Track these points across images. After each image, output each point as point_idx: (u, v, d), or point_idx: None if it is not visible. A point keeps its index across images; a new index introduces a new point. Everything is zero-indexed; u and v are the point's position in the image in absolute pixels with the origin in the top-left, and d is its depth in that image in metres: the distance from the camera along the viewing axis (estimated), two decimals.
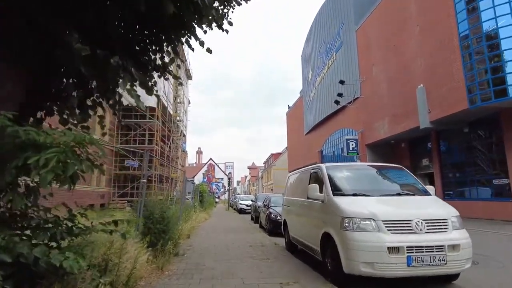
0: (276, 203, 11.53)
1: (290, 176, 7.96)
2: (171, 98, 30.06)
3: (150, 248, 5.49)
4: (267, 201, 12.07)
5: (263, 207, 12.06)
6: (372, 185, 5.06)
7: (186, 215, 11.69)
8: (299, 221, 6.28)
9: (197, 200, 18.70)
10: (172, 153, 30.58)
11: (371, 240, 3.87)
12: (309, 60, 37.32)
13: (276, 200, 11.90)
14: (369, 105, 22.94)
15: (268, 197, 12.64)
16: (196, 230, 11.38)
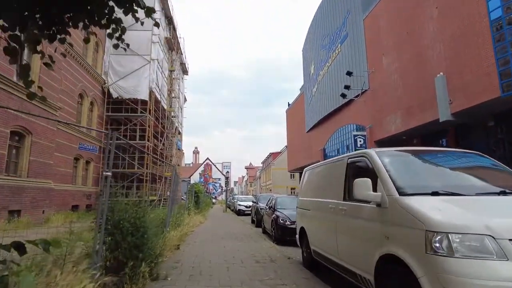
0: (283, 205, 9.80)
1: (308, 171, 6.21)
2: (165, 92, 28.23)
3: (112, 275, 3.72)
4: (273, 202, 10.31)
5: (268, 209, 10.29)
6: (459, 180, 3.32)
7: (178, 219, 9.89)
8: (328, 231, 4.53)
9: (192, 201, 16.90)
10: (166, 150, 28.73)
11: (494, 276, 2.12)
12: (311, 54, 35.64)
13: (283, 201, 10.17)
14: (379, 98, 21.26)
15: (273, 197, 10.88)
16: (189, 237, 9.59)
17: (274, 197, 10.65)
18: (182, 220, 10.42)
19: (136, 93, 22.61)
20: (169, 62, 30.09)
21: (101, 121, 22.24)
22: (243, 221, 16.21)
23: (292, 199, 10.62)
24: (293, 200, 10.52)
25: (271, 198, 11.07)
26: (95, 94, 21.65)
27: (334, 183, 4.47)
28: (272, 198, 10.93)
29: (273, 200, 10.61)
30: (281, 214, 8.98)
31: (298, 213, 6.24)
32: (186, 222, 11.58)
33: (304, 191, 6.13)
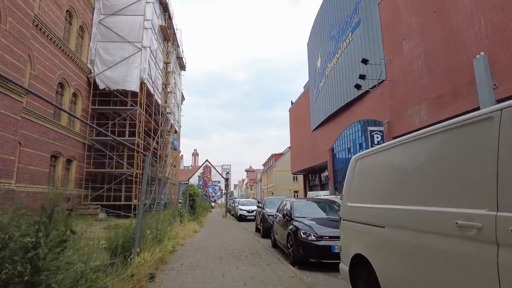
0: (303, 212, 7.33)
1: (366, 158, 3.69)
2: (160, 85, 25.81)
3: None
4: (287, 208, 7.82)
5: (281, 217, 7.76)
6: None
7: (160, 231, 7.40)
8: (453, 281, 2.02)
9: (185, 205, 14.37)
10: (160, 149, 26.26)
11: None
12: (317, 47, 33.29)
13: (302, 207, 7.71)
14: (398, 89, 18.83)
15: (287, 202, 8.36)
16: (175, 257, 7.10)
17: (289, 201, 8.13)
18: (167, 232, 7.91)
19: (125, 83, 20.18)
20: (164, 53, 27.71)
21: (86, 115, 19.78)
22: (246, 230, 13.69)
23: (312, 204, 8.15)
24: (313, 205, 8.04)
25: (284, 203, 8.56)
26: (79, 84, 19.22)
27: (459, 173, 2.03)
28: (286, 202, 8.42)
29: (287, 205, 8.11)
30: (302, 225, 6.50)
31: (347, 230, 3.77)
32: (174, 233, 9.09)
33: (357, 192, 3.65)
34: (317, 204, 8.12)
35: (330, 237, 6.01)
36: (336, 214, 7.49)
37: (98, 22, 20.88)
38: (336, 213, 7.58)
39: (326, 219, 7.07)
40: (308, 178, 42.22)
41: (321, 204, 8.12)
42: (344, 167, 26.57)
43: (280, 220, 8.05)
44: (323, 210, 7.67)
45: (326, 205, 8.01)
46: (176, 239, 9.30)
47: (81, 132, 19.41)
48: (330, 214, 7.47)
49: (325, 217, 7.29)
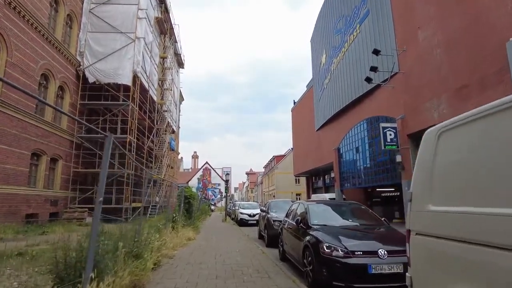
0: (321, 218, 5.77)
1: (463, 128, 2.11)
2: (155, 81, 24.31)
3: None
4: (302, 213, 6.23)
5: (295, 225, 6.11)
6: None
7: (143, 243, 5.82)
8: None
9: (178, 210, 12.72)
10: (156, 149, 24.70)
11: None
12: (321, 42, 31.80)
13: (319, 211, 6.13)
14: (414, 82, 17.27)
15: (301, 206, 6.72)
16: (158, 274, 5.53)
17: (303, 204, 6.50)
18: (150, 243, 6.33)
19: (116, 76, 18.67)
20: (160, 48, 26.23)
21: (75, 111, 18.25)
22: (248, 237, 12.09)
23: (333, 207, 6.52)
24: (334, 210, 6.45)
25: (296, 207, 6.94)
26: (66, 77, 17.70)
27: None
28: (299, 206, 6.81)
29: (300, 209, 6.52)
30: (323, 235, 4.90)
31: (430, 252, 2.18)
32: (160, 243, 7.51)
33: (449, 187, 2.06)
34: (340, 208, 6.52)
35: (365, 252, 4.44)
36: (367, 221, 5.92)
37: (88, 11, 19.41)
38: (367, 219, 6.00)
39: (354, 228, 5.50)
40: (311, 181, 40.58)
41: (345, 208, 6.53)
42: (351, 168, 24.97)
43: (291, 227, 6.45)
44: (349, 215, 6.09)
45: (351, 209, 6.43)
46: (165, 250, 7.73)
47: (69, 129, 17.87)
48: (357, 220, 5.90)
49: (352, 224, 5.71)
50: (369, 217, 6.07)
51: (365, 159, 22.48)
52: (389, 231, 5.30)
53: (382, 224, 5.79)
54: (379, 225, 5.75)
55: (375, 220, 5.94)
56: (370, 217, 6.06)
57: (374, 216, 6.13)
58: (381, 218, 5.99)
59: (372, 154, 21.51)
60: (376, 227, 5.63)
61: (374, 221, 5.91)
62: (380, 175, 20.60)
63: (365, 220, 5.96)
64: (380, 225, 5.72)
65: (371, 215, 6.16)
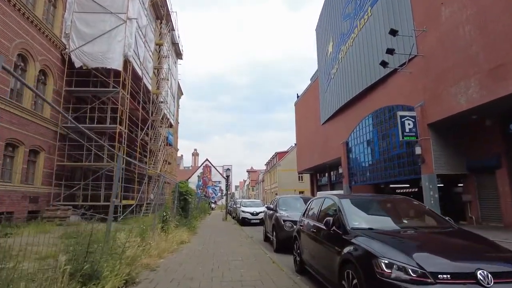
0: (363, 220, 3.99)
1: None
2: (150, 69, 22.53)
3: None
4: (330, 210, 4.47)
5: (325, 229, 4.24)
6: None
7: (105, 256, 4.07)
8: None
9: (170, 207, 10.85)
10: (151, 142, 22.95)
11: None
12: (328, 30, 29.96)
13: (355, 208, 4.39)
14: (436, 64, 15.48)
15: (329, 201, 4.83)
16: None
17: (332, 199, 4.58)
18: (116, 253, 4.59)
19: (105, 60, 16.89)
20: (156, 34, 24.44)
21: (59, 98, 16.48)
22: (252, 239, 10.33)
23: (368, 204, 4.63)
24: (379, 206, 4.65)
25: (322, 203, 5.07)
26: (49, 61, 15.94)
27: None
28: (325, 201, 4.97)
29: (328, 206, 4.73)
30: (379, 247, 3.11)
31: None
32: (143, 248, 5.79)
33: None
34: (384, 204, 4.65)
35: (454, 275, 2.69)
36: (427, 222, 4.15)
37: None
38: (426, 219, 4.23)
39: (417, 233, 3.72)
40: (315, 177, 38.84)
41: (390, 204, 4.67)
42: (362, 163, 23.20)
43: (315, 231, 4.67)
44: (399, 215, 4.31)
45: (400, 205, 4.60)
46: (147, 259, 5.99)
47: (53, 118, 16.10)
48: (413, 221, 4.14)
49: (408, 227, 3.94)
50: (427, 216, 4.30)
51: (378, 152, 20.71)
52: (474, 238, 3.54)
53: (449, 225, 4.02)
54: (445, 227, 3.99)
55: (437, 221, 4.17)
56: (430, 216, 4.28)
57: (433, 214, 4.35)
58: (444, 217, 4.22)
59: (386, 147, 19.74)
60: (444, 230, 3.87)
61: (436, 222, 4.14)
62: (395, 170, 18.84)
63: (422, 220, 4.21)
64: (446, 227, 3.97)
65: (430, 213, 4.38)
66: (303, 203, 9.58)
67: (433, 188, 15.40)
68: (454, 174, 16.13)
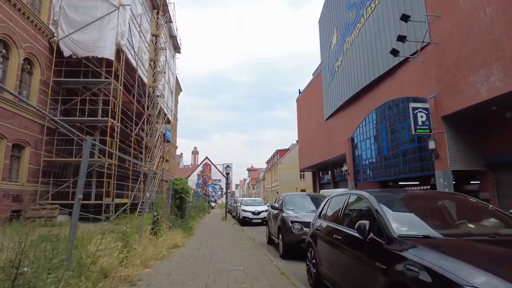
0: (407, 222, 2.89)
1: None
2: (146, 61, 21.41)
3: None
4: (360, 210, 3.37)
5: (359, 235, 3.14)
6: None
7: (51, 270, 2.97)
8: None
9: (163, 206, 9.69)
10: (146, 138, 21.85)
11: None
12: (332, 21, 28.80)
13: (395, 208, 3.22)
14: (451, 52, 14.34)
15: (354, 198, 3.75)
16: None
17: (363, 197, 3.48)
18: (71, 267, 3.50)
19: (96, 49, 15.81)
20: (152, 24, 23.31)
21: (47, 89, 15.41)
22: (254, 241, 9.26)
23: (411, 202, 3.47)
24: (415, 207, 3.52)
25: (346, 201, 3.90)
26: (35, 49, 14.85)
27: None
28: (353, 198, 3.87)
29: (356, 204, 3.64)
30: (452, 265, 2.03)
31: None
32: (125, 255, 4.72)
33: None
34: (432, 202, 3.47)
35: None
36: (495, 225, 3.05)
37: None
38: (492, 222, 3.13)
39: (491, 242, 2.63)
40: (318, 175, 37.73)
41: (441, 201, 3.52)
42: (368, 159, 22.10)
43: (338, 238, 3.58)
44: (457, 217, 3.22)
45: (455, 204, 3.47)
46: (127, 269, 4.91)
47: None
48: (478, 225, 3.06)
49: (474, 233, 2.85)
50: (495, 218, 3.19)
51: (386, 148, 19.59)
52: None
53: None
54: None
55: (506, 222, 3.07)
56: (499, 218, 3.17)
57: (504, 215, 3.24)
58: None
59: (395, 142, 18.61)
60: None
61: (507, 225, 3.04)
62: (405, 166, 17.73)
63: (491, 223, 3.10)
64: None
65: (498, 214, 3.27)
66: (311, 202, 8.54)
67: (448, 185, 14.29)
68: (469, 171, 15.03)
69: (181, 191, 12.63)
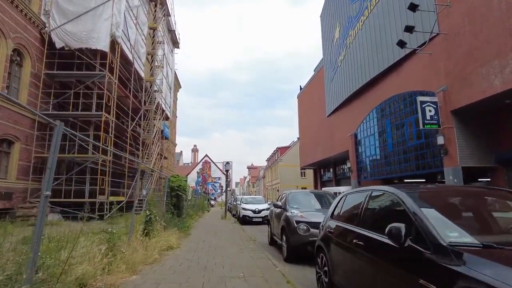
0: (460, 227, 2.11)
1: None
2: (143, 55, 20.72)
3: None
4: (399, 211, 2.71)
5: (396, 245, 2.44)
6: None
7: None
8: None
9: (154, 206, 8.92)
10: (143, 134, 21.19)
11: None
12: (334, 15, 28.08)
13: (444, 210, 2.50)
14: (462, 43, 13.68)
15: (388, 196, 3.01)
16: None
17: (390, 193, 2.79)
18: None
19: (90, 40, 15.13)
20: (149, 17, 22.60)
21: (38, 82, 14.74)
22: (255, 242, 8.63)
23: (457, 200, 2.85)
24: (465, 206, 2.85)
25: (367, 196, 3.29)
26: (25, 40, 14.18)
27: None
28: (388, 198, 3.15)
29: (390, 202, 2.96)
30: None
31: None
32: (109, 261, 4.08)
33: None
34: (479, 199, 2.79)
35: None
36: None
37: None
38: None
39: None
40: (319, 173, 37.11)
41: (489, 199, 2.88)
42: (372, 156, 21.46)
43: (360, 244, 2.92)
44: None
45: (503, 200, 2.84)
46: (111, 276, 4.27)
47: (30, 104, 14.34)
48: None
49: None
50: None
51: (391, 144, 18.94)
52: None
53: None
54: None
55: None
56: None
57: None
58: None
59: (401, 138, 17.97)
60: None
61: None
62: (412, 163, 17.09)
63: None
64: None
65: None
66: (316, 200, 7.91)
67: (458, 182, 13.64)
68: (479, 167, 14.39)
69: (177, 188, 11.97)
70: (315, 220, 6.03)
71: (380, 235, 2.54)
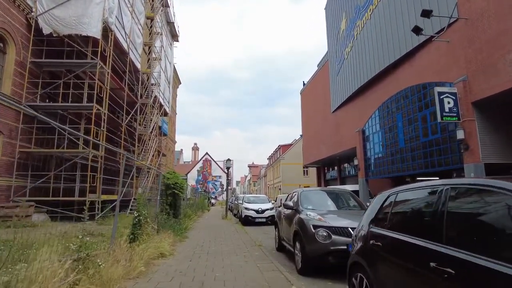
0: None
1: None
2: (139, 45, 19.57)
3: None
4: None
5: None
6: None
7: None
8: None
9: (143, 206, 7.69)
10: (140, 129, 20.06)
11: None
12: (340, 5, 26.87)
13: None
14: (486, 29, 12.49)
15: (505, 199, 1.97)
16: None
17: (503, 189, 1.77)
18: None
19: (80, 26, 13.97)
20: (146, 6, 21.44)
21: (24, 71, 13.61)
22: (260, 248, 7.49)
23: None
24: None
25: (445, 193, 2.20)
26: (10, 25, 13.05)
27: None
28: (477, 191, 2.08)
29: (482, 201, 1.89)
30: None
31: None
32: (74, 280, 2.92)
33: None
34: None
35: None
36: None
37: None
38: None
39: None
40: (323, 171, 35.95)
41: None
42: (382, 153, 20.29)
43: (451, 272, 1.82)
44: None
45: None
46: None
47: (14, 94, 13.24)
48: None
49: None
50: None
51: (403, 140, 17.77)
52: None
53: None
54: None
55: None
56: None
57: None
58: None
59: (414, 133, 16.79)
60: None
61: None
62: (426, 159, 15.91)
63: None
64: None
65: None
66: (333, 199, 6.77)
67: None
68: (503, 164, 13.23)
69: (173, 186, 10.85)
70: (337, 225, 4.91)
71: (494, 261, 1.41)
